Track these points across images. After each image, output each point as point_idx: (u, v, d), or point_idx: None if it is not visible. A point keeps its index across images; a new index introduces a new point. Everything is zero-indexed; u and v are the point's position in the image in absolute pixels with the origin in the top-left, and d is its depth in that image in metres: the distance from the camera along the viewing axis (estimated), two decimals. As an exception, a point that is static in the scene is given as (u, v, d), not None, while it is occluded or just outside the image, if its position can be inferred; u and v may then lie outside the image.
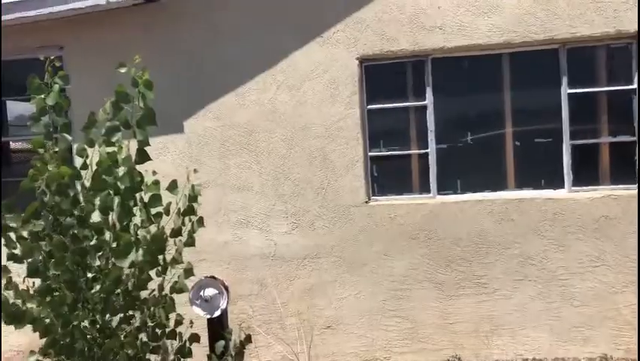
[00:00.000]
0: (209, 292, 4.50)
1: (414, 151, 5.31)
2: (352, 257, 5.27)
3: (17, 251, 4.09)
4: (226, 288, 4.58)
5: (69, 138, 3.96)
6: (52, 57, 4.12)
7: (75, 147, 3.82)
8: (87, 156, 3.99)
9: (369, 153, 5.30)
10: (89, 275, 3.86)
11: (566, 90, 5.03)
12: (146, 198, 3.72)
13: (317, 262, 5.34)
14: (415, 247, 5.19)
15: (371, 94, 5.28)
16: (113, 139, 3.83)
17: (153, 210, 3.76)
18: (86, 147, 3.95)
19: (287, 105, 5.29)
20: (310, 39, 5.21)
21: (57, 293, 3.70)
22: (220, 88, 5.34)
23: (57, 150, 3.86)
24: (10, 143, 6.45)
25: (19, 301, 3.80)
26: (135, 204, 3.74)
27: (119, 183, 3.64)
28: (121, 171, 3.74)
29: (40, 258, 3.76)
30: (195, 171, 3.75)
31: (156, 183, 3.74)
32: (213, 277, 4.59)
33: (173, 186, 3.78)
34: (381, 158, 5.35)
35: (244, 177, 5.39)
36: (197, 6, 5.34)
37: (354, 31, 5.16)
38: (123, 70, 3.77)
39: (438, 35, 5.07)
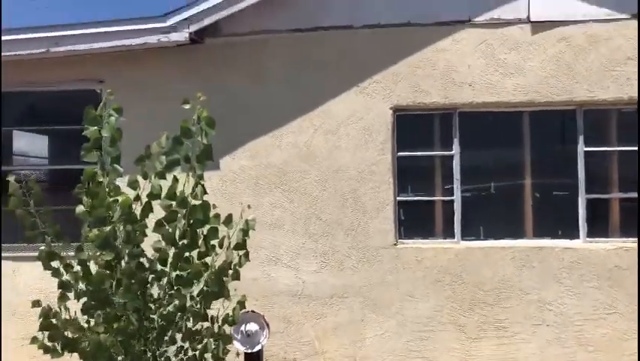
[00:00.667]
0: (251, 327, 4.59)
1: (440, 198, 5.59)
2: (379, 298, 5.44)
3: (67, 277, 4.14)
4: (267, 324, 4.67)
5: (120, 169, 4.10)
6: (109, 90, 4.29)
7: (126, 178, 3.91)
8: (139, 188, 4.12)
9: (398, 198, 5.56)
10: (148, 305, 3.93)
11: (582, 148, 5.45)
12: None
13: (344, 301, 5.48)
14: (440, 290, 5.41)
15: (401, 141, 5.57)
16: (174, 172, 3.98)
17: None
18: (138, 178, 4.08)
19: (322, 148, 5.52)
20: (348, 88, 5.51)
21: (122, 321, 3.75)
22: (257, 129, 5.55)
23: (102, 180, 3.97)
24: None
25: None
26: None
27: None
28: (179, 202, 3.87)
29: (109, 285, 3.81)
30: (249, 207, 3.88)
31: (217, 216, 3.88)
32: (254, 312, 4.68)
33: (228, 220, 3.92)
34: (409, 202, 5.61)
35: (276, 215, 5.55)
36: (242, 51, 5.58)
37: (389, 83, 5.49)
38: (187, 106, 3.95)
39: (467, 91, 5.45)
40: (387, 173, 5.48)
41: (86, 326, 4.13)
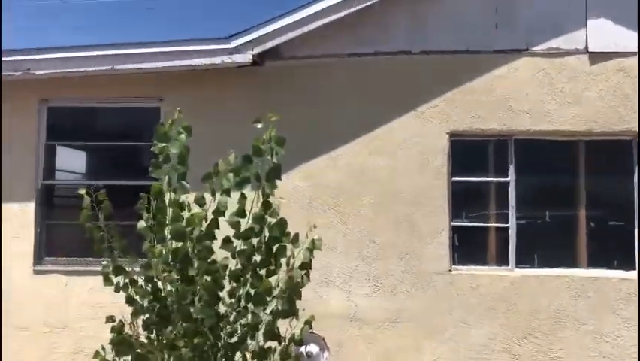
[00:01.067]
0: (312, 348, 4.57)
1: (494, 224, 5.58)
2: (432, 324, 5.39)
3: (131, 293, 4.15)
4: (327, 347, 4.65)
5: (188, 186, 4.14)
6: (178, 108, 4.35)
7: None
8: (205, 204, 4.16)
9: (452, 223, 5.54)
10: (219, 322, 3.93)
11: (638, 178, 5.43)
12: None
13: (397, 326, 5.44)
14: (494, 317, 5.36)
15: (456, 167, 5.59)
16: (244, 190, 4.02)
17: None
18: (205, 195, 4.12)
19: (377, 171, 5.55)
20: (405, 112, 5.56)
21: (200, 337, 3.75)
22: (313, 150, 5.58)
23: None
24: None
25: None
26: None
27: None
28: (257, 218, 3.90)
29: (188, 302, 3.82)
30: (315, 226, 3.89)
31: (287, 234, 3.90)
32: (314, 334, 4.66)
33: (295, 239, 3.94)
34: (463, 228, 5.59)
35: (329, 236, 5.53)
36: (301, 74, 5.66)
37: (446, 108, 5.53)
38: (259, 125, 4.00)
39: (524, 119, 5.47)
40: (442, 198, 5.48)
41: (147, 341, 4.14)
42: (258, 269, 3.90)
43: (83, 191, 4.51)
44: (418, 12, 5.61)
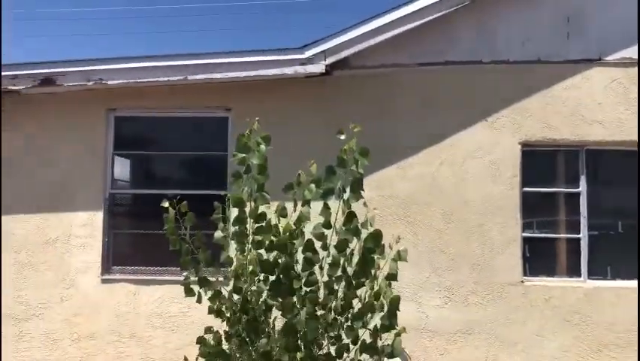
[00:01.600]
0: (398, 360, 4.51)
1: (566, 235, 5.52)
2: (504, 335, 5.34)
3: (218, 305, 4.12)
4: (409, 357, 4.61)
5: (268, 196, 4.13)
6: (256, 118, 4.35)
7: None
8: (286, 215, 4.16)
9: (523, 234, 5.49)
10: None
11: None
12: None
13: (468, 337, 5.39)
14: (568, 330, 5.30)
15: (526, 177, 5.54)
16: (328, 201, 4.00)
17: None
18: (287, 206, 4.11)
19: (448, 181, 5.51)
20: (475, 121, 5.52)
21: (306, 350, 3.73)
22: (383, 160, 5.54)
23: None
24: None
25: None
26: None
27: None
28: (353, 230, 3.90)
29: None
30: (399, 238, 3.87)
31: (382, 246, 3.88)
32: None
33: (382, 251, 3.92)
34: (534, 239, 5.54)
35: (399, 247, 5.50)
36: (370, 83, 5.64)
37: (518, 118, 5.49)
38: (342, 137, 3.98)
39: (597, 129, 5.42)
40: (514, 208, 5.43)
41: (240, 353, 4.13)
42: (352, 281, 3.88)
43: (166, 203, 4.52)
44: (488, 22, 5.58)
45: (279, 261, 4.05)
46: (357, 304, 3.84)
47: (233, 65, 5.36)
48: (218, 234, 4.45)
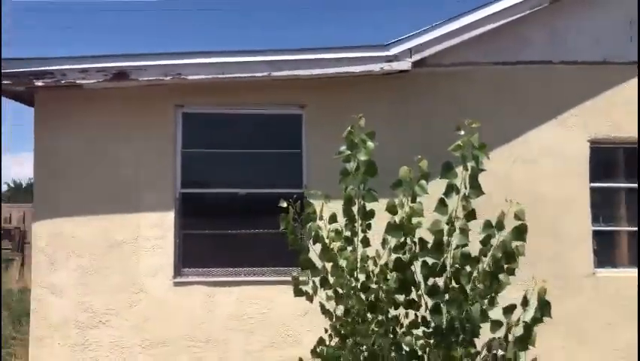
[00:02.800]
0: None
1: (631, 228, 5.79)
2: (579, 327, 5.55)
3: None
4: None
5: (376, 193, 4.17)
6: (360, 114, 4.37)
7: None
8: (396, 212, 4.20)
9: (592, 228, 5.72)
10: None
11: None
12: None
13: (543, 328, 5.53)
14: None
15: (593, 173, 5.77)
16: (450, 198, 4.08)
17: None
18: (397, 202, 4.16)
19: (521, 178, 5.66)
20: (547, 120, 5.70)
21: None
22: (454, 158, 5.61)
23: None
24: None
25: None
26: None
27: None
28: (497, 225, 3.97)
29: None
30: None
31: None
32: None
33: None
34: (602, 233, 5.78)
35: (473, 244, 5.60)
36: (445, 81, 5.70)
37: (587, 117, 5.71)
38: (461, 132, 4.05)
39: (658, 127, 5.72)
40: (584, 203, 5.65)
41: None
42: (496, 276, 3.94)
43: (284, 203, 4.46)
44: (559, 25, 5.76)
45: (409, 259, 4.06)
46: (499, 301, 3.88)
47: (318, 62, 5.27)
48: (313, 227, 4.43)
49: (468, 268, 3.88)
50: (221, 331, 5.49)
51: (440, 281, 3.85)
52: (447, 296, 3.89)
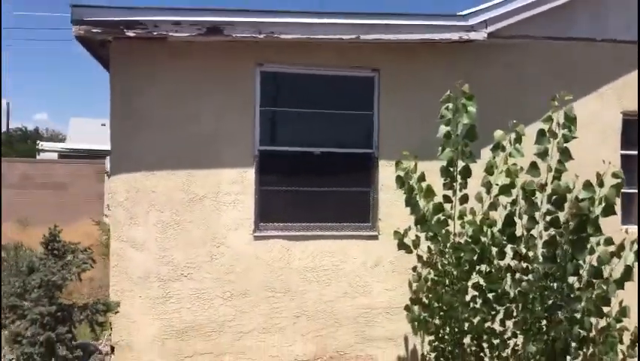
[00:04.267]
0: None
1: (648, 191, 6.62)
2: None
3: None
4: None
5: (475, 156, 4.71)
6: (460, 81, 4.83)
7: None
8: (493, 173, 4.77)
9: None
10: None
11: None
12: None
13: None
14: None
15: (623, 142, 6.50)
16: (545, 161, 4.66)
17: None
18: (496, 162, 4.72)
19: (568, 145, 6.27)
20: (588, 93, 6.32)
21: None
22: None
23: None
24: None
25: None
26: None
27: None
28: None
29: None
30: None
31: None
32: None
33: None
34: (625, 194, 6.56)
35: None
36: (502, 52, 6.15)
37: (620, 90, 6.39)
38: (556, 103, 4.62)
39: (678, 102, 6.52)
40: (617, 168, 6.37)
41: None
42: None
43: (407, 163, 4.79)
44: (602, 7, 6.36)
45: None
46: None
47: (402, 27, 5.53)
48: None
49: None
50: (298, 282, 5.76)
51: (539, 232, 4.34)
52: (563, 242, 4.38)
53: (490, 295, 4.77)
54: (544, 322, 4.46)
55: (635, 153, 6.58)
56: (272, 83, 5.78)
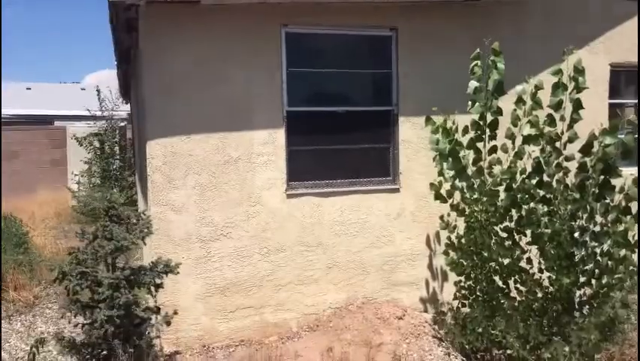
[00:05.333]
0: None
1: (630, 136, 7.27)
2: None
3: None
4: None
5: (501, 109, 5.19)
6: (489, 39, 5.22)
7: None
8: (517, 125, 5.26)
9: (607, 136, 7.09)
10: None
11: None
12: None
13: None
14: None
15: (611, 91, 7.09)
16: (558, 112, 5.18)
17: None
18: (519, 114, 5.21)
19: (563, 95, 6.78)
20: (582, 46, 6.81)
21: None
22: (516, 80, 6.56)
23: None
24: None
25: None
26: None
27: None
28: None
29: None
30: None
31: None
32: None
33: None
34: (611, 140, 7.18)
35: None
36: (507, 10, 6.50)
37: (608, 43, 6.93)
38: (565, 57, 5.07)
39: (658, 54, 7.14)
40: (604, 118, 6.97)
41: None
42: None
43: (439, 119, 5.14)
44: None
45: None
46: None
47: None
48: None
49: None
50: (329, 236, 6.07)
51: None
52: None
53: (517, 237, 5.28)
54: (576, 258, 4.97)
55: (627, 101, 7.20)
56: (297, 44, 5.90)
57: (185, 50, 5.50)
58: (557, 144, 5.23)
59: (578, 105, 5.32)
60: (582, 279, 4.96)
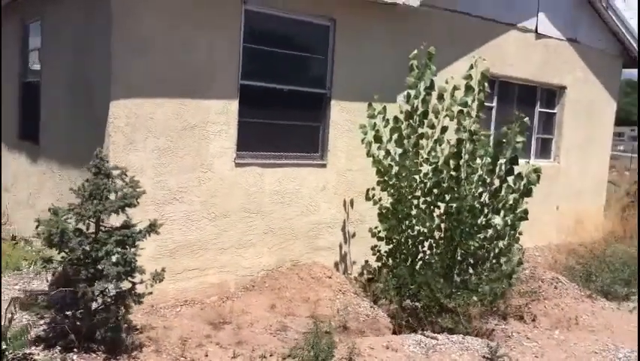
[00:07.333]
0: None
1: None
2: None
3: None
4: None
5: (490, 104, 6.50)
6: (424, 43, 6.44)
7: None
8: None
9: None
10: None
11: None
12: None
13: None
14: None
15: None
16: (464, 109, 6.56)
17: None
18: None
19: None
20: (465, 54, 8.25)
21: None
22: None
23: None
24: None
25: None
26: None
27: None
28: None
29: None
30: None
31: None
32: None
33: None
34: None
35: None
36: (418, 19, 7.59)
37: (485, 55, 8.49)
38: (473, 67, 6.56)
39: (508, 68, 8.93)
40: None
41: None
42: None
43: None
44: (478, -13, 8.26)
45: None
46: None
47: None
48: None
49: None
50: (268, 204, 6.57)
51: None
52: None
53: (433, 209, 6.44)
54: (475, 228, 6.26)
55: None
56: (254, 22, 6.23)
57: (152, 15, 5.50)
58: (474, 137, 6.45)
59: (482, 106, 6.61)
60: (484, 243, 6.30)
